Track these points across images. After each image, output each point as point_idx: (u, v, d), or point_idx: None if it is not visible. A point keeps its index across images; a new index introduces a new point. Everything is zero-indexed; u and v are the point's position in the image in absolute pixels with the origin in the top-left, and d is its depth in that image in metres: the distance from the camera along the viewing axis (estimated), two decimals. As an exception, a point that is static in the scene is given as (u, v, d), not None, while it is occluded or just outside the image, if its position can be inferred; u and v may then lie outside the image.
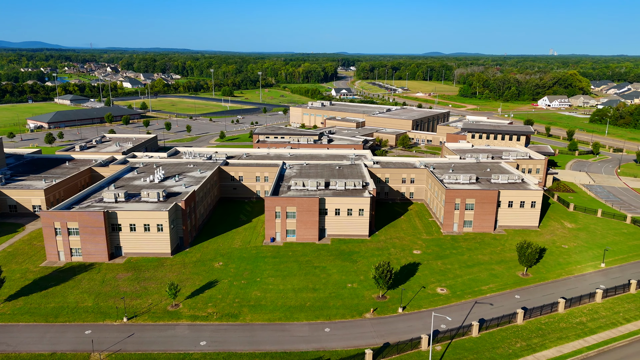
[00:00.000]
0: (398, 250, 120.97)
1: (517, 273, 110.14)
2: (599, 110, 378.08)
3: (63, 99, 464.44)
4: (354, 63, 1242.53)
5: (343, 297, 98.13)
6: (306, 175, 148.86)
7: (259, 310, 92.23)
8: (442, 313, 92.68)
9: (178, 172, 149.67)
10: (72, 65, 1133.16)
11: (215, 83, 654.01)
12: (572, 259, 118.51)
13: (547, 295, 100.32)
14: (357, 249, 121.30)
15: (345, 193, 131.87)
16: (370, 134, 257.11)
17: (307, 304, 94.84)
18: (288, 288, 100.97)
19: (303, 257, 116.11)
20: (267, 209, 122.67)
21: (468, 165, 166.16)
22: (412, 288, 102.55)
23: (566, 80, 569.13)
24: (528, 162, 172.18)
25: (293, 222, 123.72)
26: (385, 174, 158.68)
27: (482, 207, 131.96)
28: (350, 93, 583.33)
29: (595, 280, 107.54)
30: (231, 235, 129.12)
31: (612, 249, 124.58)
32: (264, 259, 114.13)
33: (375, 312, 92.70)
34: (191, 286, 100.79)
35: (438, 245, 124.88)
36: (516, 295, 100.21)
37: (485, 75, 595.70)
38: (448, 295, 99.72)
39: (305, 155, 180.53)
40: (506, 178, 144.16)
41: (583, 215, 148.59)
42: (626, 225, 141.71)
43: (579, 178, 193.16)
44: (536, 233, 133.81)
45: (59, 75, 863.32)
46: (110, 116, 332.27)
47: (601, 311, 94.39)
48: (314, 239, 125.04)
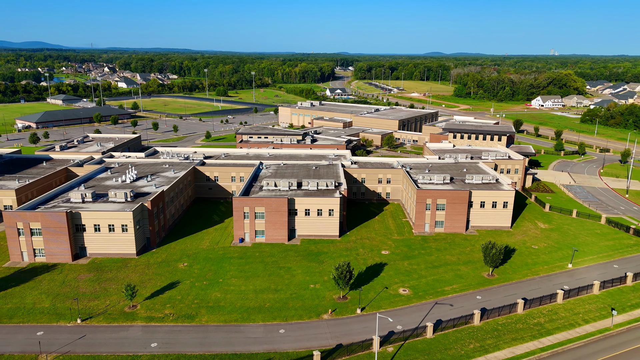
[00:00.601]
0: (367, 251, 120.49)
1: (483, 274, 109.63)
2: (590, 110, 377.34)
3: (55, 99, 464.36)
4: (353, 63, 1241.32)
5: (304, 298, 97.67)
6: (281, 176, 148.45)
7: (217, 312, 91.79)
8: (401, 314, 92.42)
9: (152, 172, 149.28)
10: (70, 66, 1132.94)
11: (211, 83, 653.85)
12: (540, 259, 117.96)
13: (509, 296, 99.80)
14: (326, 249, 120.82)
15: (317, 193, 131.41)
16: (357, 134, 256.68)
17: (266, 305, 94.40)
18: (249, 289, 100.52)
19: (270, 257, 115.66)
20: (235, 210, 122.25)
21: (445, 165, 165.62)
22: (375, 289, 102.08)
23: (561, 81, 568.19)
24: (507, 162, 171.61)
25: (262, 223, 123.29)
26: (361, 174, 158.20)
27: (454, 207, 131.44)
28: (345, 93, 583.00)
29: (560, 281, 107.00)
30: (201, 235, 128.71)
31: (583, 249, 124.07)
32: (229, 260, 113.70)
33: (333, 313, 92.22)
34: (152, 287, 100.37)
35: (407, 245, 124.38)
36: (478, 296, 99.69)
37: (479, 76, 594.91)
38: (410, 296, 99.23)
39: (284, 156, 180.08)
40: (480, 178, 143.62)
41: (558, 216, 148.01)
42: (600, 225, 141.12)
43: (560, 178, 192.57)
44: (508, 233, 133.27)
45: (56, 75, 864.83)
46: (99, 116, 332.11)
47: (561, 312, 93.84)
48: (284, 240, 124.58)
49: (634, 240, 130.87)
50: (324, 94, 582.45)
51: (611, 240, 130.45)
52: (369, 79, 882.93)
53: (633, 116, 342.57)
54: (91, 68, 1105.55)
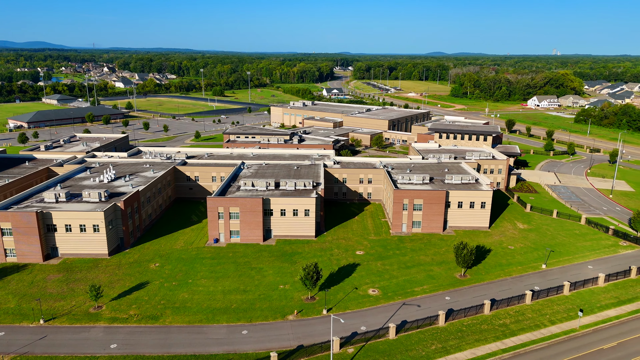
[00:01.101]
0: (341, 251, 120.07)
1: (455, 274, 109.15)
2: (584, 110, 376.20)
3: (51, 99, 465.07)
4: (352, 63, 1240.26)
5: (272, 298, 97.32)
6: (261, 176, 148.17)
7: (182, 312, 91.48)
8: (368, 315, 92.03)
9: (131, 172, 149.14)
10: (69, 65, 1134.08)
11: (208, 83, 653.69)
12: (515, 260, 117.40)
13: (478, 297, 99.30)
14: (301, 250, 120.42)
15: (294, 193, 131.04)
16: (346, 134, 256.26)
17: (233, 306, 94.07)
18: (218, 290, 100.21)
19: (243, 258, 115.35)
20: (210, 210, 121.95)
21: (428, 165, 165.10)
22: (345, 289, 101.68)
23: (558, 80, 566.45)
24: (490, 163, 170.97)
25: (237, 223, 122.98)
26: (342, 174, 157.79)
27: (431, 207, 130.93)
28: (341, 93, 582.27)
29: (532, 282, 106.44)
30: (177, 235, 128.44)
31: (559, 250, 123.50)
32: (201, 261, 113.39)
33: (299, 314, 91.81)
34: (120, 287, 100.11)
35: (383, 246, 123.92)
36: (447, 297, 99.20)
37: (476, 76, 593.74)
38: (378, 297, 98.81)
39: (268, 156, 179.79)
40: (459, 178, 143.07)
41: (538, 216, 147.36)
42: (580, 226, 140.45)
43: (545, 178, 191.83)
44: (485, 234, 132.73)
45: (55, 75, 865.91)
46: (91, 116, 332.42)
47: (528, 313, 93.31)
48: (259, 240, 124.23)
49: (612, 241, 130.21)
50: (320, 93, 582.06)
51: (589, 241, 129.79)
52: (368, 79, 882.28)
53: (626, 116, 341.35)
54: (91, 68, 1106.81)
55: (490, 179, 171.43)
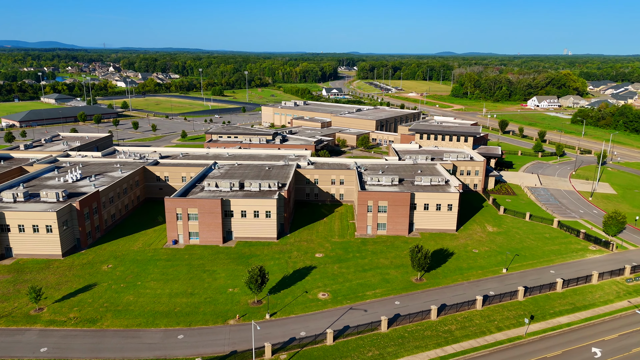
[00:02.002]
0: (301, 254, 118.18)
1: (411, 278, 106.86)
2: (581, 110, 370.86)
3: (49, 98, 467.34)
4: (357, 63, 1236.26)
5: (218, 302, 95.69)
6: (230, 176, 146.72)
7: (123, 316, 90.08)
8: (312, 319, 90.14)
9: (99, 172, 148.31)
10: (75, 65, 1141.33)
11: (209, 83, 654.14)
12: (477, 263, 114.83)
13: (430, 302, 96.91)
14: (259, 252, 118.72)
15: (257, 194, 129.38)
16: (333, 134, 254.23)
17: (176, 310, 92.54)
18: (165, 292, 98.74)
19: (198, 260, 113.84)
20: (168, 211, 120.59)
21: (402, 166, 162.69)
22: (295, 293, 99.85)
23: (560, 81, 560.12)
24: (467, 164, 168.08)
25: (196, 224, 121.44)
26: (314, 175, 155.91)
27: (395, 209, 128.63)
28: (341, 93, 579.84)
29: (488, 287, 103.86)
30: (137, 236, 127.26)
31: (524, 254, 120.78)
32: (156, 262, 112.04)
33: (241, 318, 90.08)
34: (67, 289, 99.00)
35: (344, 248, 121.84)
36: (396, 302, 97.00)
37: (476, 76, 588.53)
38: (327, 301, 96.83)
39: (244, 156, 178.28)
40: (429, 180, 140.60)
41: (511, 219, 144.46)
42: (551, 229, 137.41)
43: (527, 180, 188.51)
44: (452, 236, 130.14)
45: (60, 75, 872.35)
46: (83, 115, 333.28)
47: (476, 319, 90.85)
48: (218, 242, 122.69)
49: (581, 245, 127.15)
50: (320, 93, 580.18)
51: (557, 245, 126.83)
52: (371, 79, 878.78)
53: (623, 117, 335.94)
54: (97, 68, 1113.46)
55: (467, 180, 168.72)
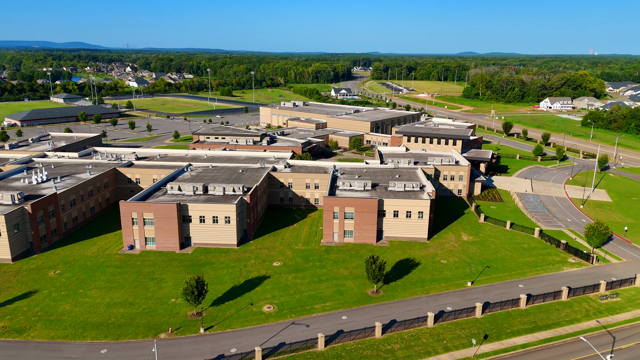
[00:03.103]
0: (258, 262, 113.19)
1: (367, 290, 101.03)
2: (592, 113, 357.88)
3: (58, 98, 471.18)
4: (372, 63, 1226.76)
5: (156, 313, 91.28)
6: (199, 179, 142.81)
7: (53, 326, 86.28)
8: (248, 335, 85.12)
9: (69, 174, 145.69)
10: (94, 65, 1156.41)
11: (220, 83, 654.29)
12: (441, 275, 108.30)
13: (380, 317, 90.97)
14: (215, 260, 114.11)
15: (219, 199, 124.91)
16: (326, 136, 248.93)
17: (110, 320, 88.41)
18: (104, 302, 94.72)
19: (150, 267, 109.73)
20: (123, 215, 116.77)
21: (381, 170, 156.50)
22: (240, 305, 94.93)
23: (575, 82, 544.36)
24: (450, 169, 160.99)
25: (152, 229, 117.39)
26: (288, 178, 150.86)
27: (362, 216, 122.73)
28: (350, 93, 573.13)
29: (448, 301, 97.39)
30: (96, 241, 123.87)
31: (496, 265, 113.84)
32: (105, 269, 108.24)
33: (174, 332, 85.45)
34: (6, 296, 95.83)
35: (305, 256, 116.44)
36: (343, 317, 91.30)
37: (488, 76, 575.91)
38: (270, 314, 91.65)
39: (222, 158, 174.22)
40: (402, 186, 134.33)
41: (490, 228, 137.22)
42: (531, 239, 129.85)
43: (519, 185, 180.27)
44: (422, 245, 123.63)
45: (78, 75, 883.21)
46: (84, 115, 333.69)
47: (424, 337, 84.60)
48: (175, 248, 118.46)
49: (560, 257, 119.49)
50: (328, 94, 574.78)
51: (534, 257, 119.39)
52: (385, 79, 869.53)
53: (636, 120, 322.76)
54: (114, 67, 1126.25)
55: (451, 186, 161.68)
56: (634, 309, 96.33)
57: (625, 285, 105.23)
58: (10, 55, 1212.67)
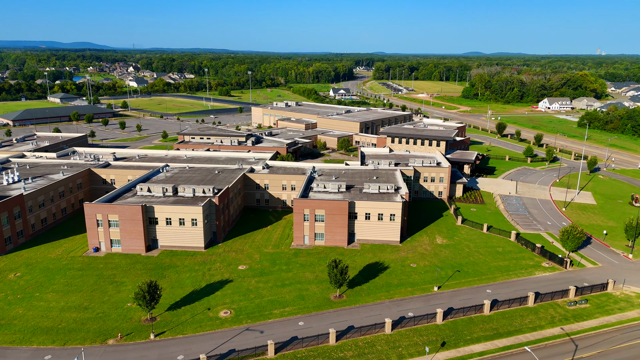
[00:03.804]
0: (223, 266, 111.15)
1: (330, 295, 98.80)
2: (588, 113, 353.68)
3: (55, 97, 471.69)
4: (373, 63, 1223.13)
5: (109, 318, 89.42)
6: (173, 180, 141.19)
7: (2, 331, 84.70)
8: (199, 341, 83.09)
9: (42, 174, 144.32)
10: (97, 65, 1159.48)
11: (219, 83, 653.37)
12: (409, 280, 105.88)
13: (339, 323, 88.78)
14: (180, 263, 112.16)
15: (187, 200, 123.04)
16: (314, 136, 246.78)
17: (61, 325, 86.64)
18: (59, 306, 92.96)
19: (112, 270, 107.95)
20: (87, 217, 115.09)
21: (359, 172, 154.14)
22: (197, 309, 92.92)
23: (575, 82, 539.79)
24: (430, 170, 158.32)
25: (117, 232, 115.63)
26: (264, 180, 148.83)
27: (333, 218, 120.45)
28: (348, 94, 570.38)
29: (411, 307, 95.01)
30: (63, 242, 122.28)
31: (467, 270, 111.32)
32: (66, 272, 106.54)
33: (123, 338, 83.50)
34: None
35: (273, 260, 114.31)
36: (300, 322, 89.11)
37: (487, 76, 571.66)
38: (227, 320, 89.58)
39: (202, 158, 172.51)
40: (377, 188, 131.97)
41: (467, 231, 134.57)
42: (507, 242, 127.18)
43: (504, 187, 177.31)
44: (393, 249, 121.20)
45: (80, 74, 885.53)
46: (77, 115, 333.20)
47: (380, 344, 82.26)
48: (141, 250, 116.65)
49: (534, 261, 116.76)
50: (327, 94, 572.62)
51: (507, 261, 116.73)
52: (387, 79, 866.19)
53: (632, 121, 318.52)
54: (117, 67, 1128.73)
55: (432, 187, 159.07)
56: (602, 315, 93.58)
57: (597, 291, 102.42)
58: (15, 55, 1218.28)
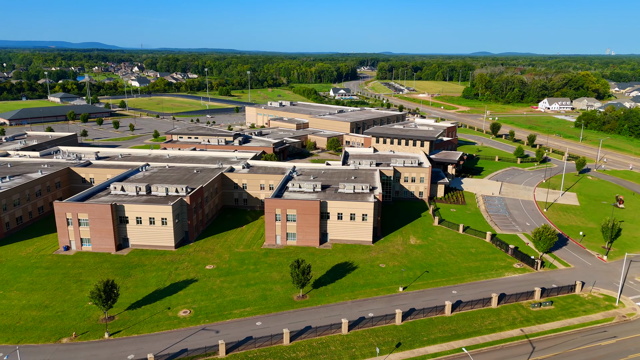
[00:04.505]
0: (191, 265, 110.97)
1: (294, 295, 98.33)
2: (585, 114, 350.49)
3: (55, 97, 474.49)
4: (376, 63, 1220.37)
5: (68, 316, 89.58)
6: (151, 180, 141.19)
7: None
8: (152, 340, 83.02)
9: (20, 173, 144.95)
10: (102, 65, 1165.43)
11: (220, 82, 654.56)
12: (376, 280, 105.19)
13: (297, 323, 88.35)
14: (148, 262, 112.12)
15: (159, 200, 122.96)
16: (304, 136, 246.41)
17: (19, 323, 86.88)
18: (20, 304, 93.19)
19: (79, 269, 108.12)
20: (57, 216, 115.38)
21: (339, 172, 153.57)
22: (157, 309, 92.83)
23: (577, 82, 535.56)
24: (411, 170, 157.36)
25: (87, 230, 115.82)
26: (242, 179, 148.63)
27: (305, 218, 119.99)
28: (348, 94, 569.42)
29: (373, 307, 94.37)
30: (35, 241, 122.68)
31: (436, 270, 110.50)
32: (33, 270, 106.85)
33: (78, 336, 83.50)
34: None
35: (242, 260, 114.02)
36: (258, 322, 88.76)
37: (487, 76, 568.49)
38: (185, 319, 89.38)
39: (184, 157, 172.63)
40: (352, 188, 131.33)
41: (443, 231, 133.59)
42: (482, 243, 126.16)
43: (488, 188, 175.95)
44: (365, 249, 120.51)
45: (85, 74, 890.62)
46: (72, 114, 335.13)
47: (334, 345, 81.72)
48: (111, 249, 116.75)
49: (506, 262, 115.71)
50: (327, 94, 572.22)
51: (479, 262, 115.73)
52: (389, 79, 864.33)
53: (629, 121, 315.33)
54: (122, 67, 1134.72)
55: (412, 188, 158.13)
56: (565, 317, 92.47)
57: (564, 293, 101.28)
58: (22, 54, 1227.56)
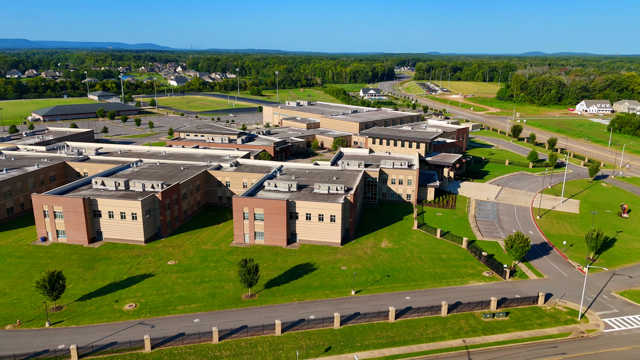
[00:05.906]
0: (154, 260, 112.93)
1: (243, 294, 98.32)
2: (619, 117, 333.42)
3: (93, 95, 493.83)
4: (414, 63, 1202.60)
5: (21, 304, 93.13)
6: (136, 175, 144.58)
7: None
8: (90, 331, 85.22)
9: (19, 166, 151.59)
10: (148, 65, 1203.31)
11: (254, 82, 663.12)
12: (332, 282, 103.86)
13: (235, 322, 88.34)
14: (115, 255, 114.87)
15: (135, 195, 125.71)
16: (312, 136, 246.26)
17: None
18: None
19: (48, 259, 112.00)
20: (35, 207, 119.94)
21: (324, 172, 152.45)
22: (105, 301, 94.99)
23: (621, 83, 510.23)
24: (398, 172, 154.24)
25: (62, 223, 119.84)
26: (225, 177, 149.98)
27: (272, 218, 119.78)
28: (378, 94, 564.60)
29: (317, 310, 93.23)
30: (20, 231, 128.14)
31: (398, 275, 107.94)
32: (7, 258, 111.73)
33: (22, 324, 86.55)
34: None
35: (205, 257, 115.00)
36: (196, 319, 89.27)
37: (523, 77, 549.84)
38: (128, 312, 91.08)
39: (180, 155, 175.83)
40: (327, 188, 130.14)
41: (420, 235, 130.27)
42: (456, 249, 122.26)
43: (485, 192, 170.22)
44: (331, 250, 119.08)
45: (130, 74, 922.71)
46: (102, 111, 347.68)
47: (262, 346, 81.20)
48: (84, 242, 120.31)
49: (475, 270, 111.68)
50: (356, 94, 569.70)
51: (447, 268, 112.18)
52: (427, 80, 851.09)
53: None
54: (167, 67, 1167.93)
55: (400, 190, 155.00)
56: (516, 330, 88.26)
57: (525, 304, 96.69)
58: (76, 55, 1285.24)
